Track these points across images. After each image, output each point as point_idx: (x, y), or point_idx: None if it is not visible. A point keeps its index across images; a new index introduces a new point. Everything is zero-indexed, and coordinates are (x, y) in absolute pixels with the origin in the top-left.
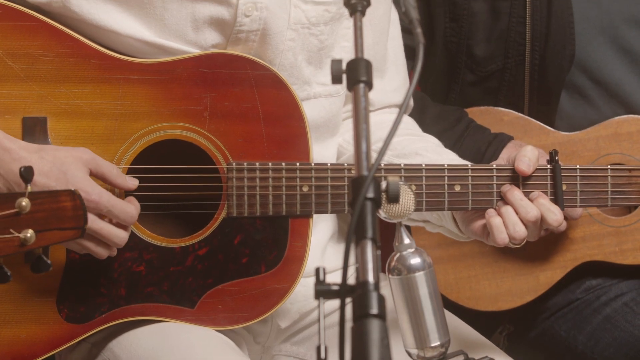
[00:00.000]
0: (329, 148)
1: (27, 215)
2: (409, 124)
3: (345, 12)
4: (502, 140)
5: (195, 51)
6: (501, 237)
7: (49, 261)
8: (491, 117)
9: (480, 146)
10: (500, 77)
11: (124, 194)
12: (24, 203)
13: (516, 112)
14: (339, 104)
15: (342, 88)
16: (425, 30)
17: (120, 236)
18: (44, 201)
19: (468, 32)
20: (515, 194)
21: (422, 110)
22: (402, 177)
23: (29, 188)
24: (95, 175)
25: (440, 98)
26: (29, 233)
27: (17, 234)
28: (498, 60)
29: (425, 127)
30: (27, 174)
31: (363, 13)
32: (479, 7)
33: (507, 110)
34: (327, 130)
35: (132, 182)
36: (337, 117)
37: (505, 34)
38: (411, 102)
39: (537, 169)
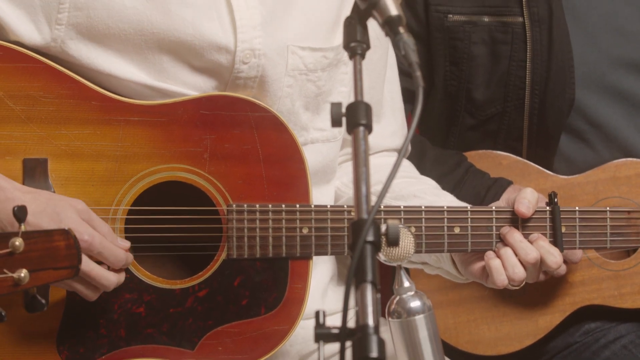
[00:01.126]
0: (324, 194)
1: (20, 255)
2: (406, 167)
3: (343, 57)
4: (501, 185)
5: (194, 93)
6: (500, 279)
7: (43, 300)
8: (489, 160)
9: (479, 190)
10: (500, 121)
11: (123, 234)
12: (17, 243)
13: (514, 156)
14: (336, 150)
15: (339, 133)
16: (425, 73)
17: (110, 279)
18: (38, 240)
19: (468, 76)
20: (515, 235)
21: (421, 154)
22: (402, 219)
23: (23, 227)
24: None
25: (439, 141)
26: (23, 273)
27: (10, 274)
28: (497, 104)
29: (425, 171)
30: (20, 213)
31: (363, 56)
32: (479, 50)
33: (505, 153)
34: (324, 176)
35: (123, 244)
36: (334, 162)
37: (505, 78)
38: (409, 147)
39: (536, 211)
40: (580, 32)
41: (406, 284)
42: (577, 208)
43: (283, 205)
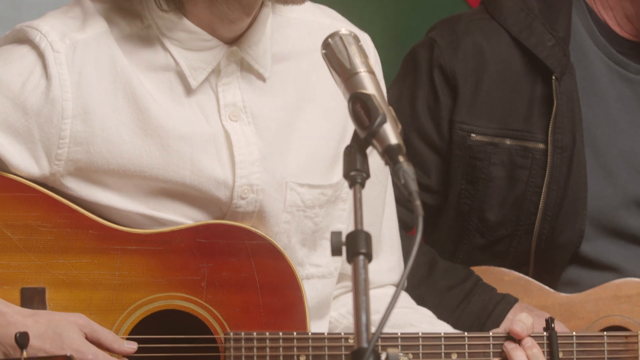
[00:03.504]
0: (319, 328)
1: None
2: (404, 298)
3: (342, 194)
4: (509, 301)
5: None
6: None
7: None
8: (492, 276)
9: (487, 304)
10: (509, 243)
11: None
12: None
13: (517, 273)
14: (331, 286)
15: (335, 270)
16: (440, 187)
17: None
18: None
19: (483, 196)
20: (518, 354)
21: (431, 265)
22: (399, 346)
23: (25, 354)
24: (91, 341)
25: (446, 257)
26: None
27: None
28: (508, 226)
29: (434, 282)
30: (22, 339)
31: (362, 185)
32: (498, 172)
33: (508, 270)
34: (317, 312)
35: (130, 346)
36: (329, 298)
37: (519, 201)
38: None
39: (533, 336)
40: (598, 166)
41: None
42: (574, 333)
43: (280, 333)
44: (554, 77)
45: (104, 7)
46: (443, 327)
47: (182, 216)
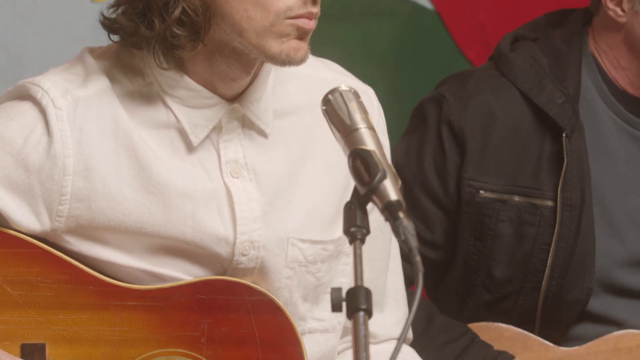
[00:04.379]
0: None
1: None
2: (408, 353)
3: (344, 248)
4: (505, 358)
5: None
6: None
7: None
8: (492, 332)
9: None
10: (515, 300)
11: None
12: None
13: (516, 328)
14: (334, 340)
15: (338, 324)
16: (444, 243)
17: None
18: None
19: (490, 252)
20: None
21: (429, 320)
22: None
23: None
24: None
25: (452, 313)
26: None
27: None
28: (515, 283)
29: (431, 337)
30: None
31: (363, 241)
32: (506, 229)
33: (507, 326)
34: None
35: None
36: (332, 352)
37: (527, 259)
38: (410, 335)
39: None
40: (606, 224)
41: None
42: None
43: None
44: (564, 135)
45: (106, 64)
46: None
47: (183, 272)
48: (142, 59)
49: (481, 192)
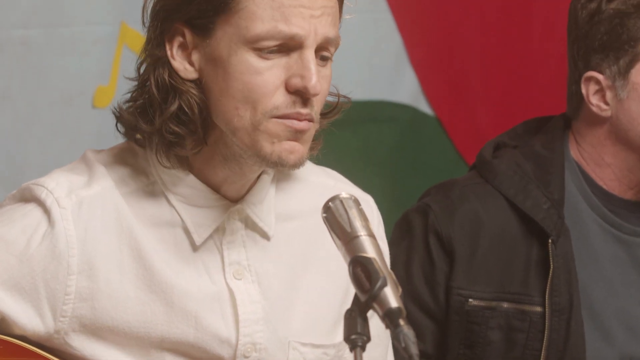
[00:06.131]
0: None
1: None
2: None
3: (344, 354)
4: None
5: None
6: None
7: None
8: None
9: None
10: None
11: None
12: None
13: None
14: None
15: None
16: (434, 352)
17: None
18: None
19: None
20: None
21: None
22: None
23: None
24: None
25: None
26: None
27: None
28: None
29: None
30: None
31: (363, 348)
32: (495, 336)
33: None
34: None
35: None
36: None
37: None
38: None
39: None
40: (595, 327)
41: None
42: None
43: None
44: (550, 240)
45: (109, 165)
46: None
47: None
48: (146, 159)
49: (470, 300)
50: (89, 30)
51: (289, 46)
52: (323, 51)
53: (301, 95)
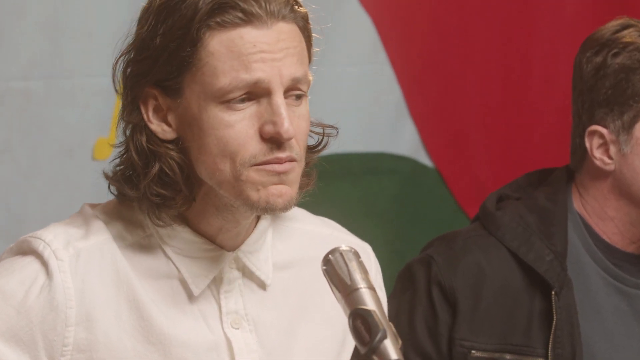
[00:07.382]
0: None
1: None
2: None
3: None
4: None
5: None
6: None
7: None
8: None
9: None
10: None
11: None
12: None
13: None
14: None
15: None
16: None
17: None
18: None
19: None
20: None
21: None
22: None
23: None
24: None
25: None
26: None
27: None
28: None
29: None
30: None
31: None
32: None
33: None
34: None
35: None
36: None
37: None
38: None
39: None
40: None
41: None
42: None
43: None
44: (553, 292)
45: (106, 218)
46: None
47: None
48: (142, 212)
49: (473, 351)
50: (89, 82)
51: (256, 93)
52: (294, 90)
53: (276, 142)
